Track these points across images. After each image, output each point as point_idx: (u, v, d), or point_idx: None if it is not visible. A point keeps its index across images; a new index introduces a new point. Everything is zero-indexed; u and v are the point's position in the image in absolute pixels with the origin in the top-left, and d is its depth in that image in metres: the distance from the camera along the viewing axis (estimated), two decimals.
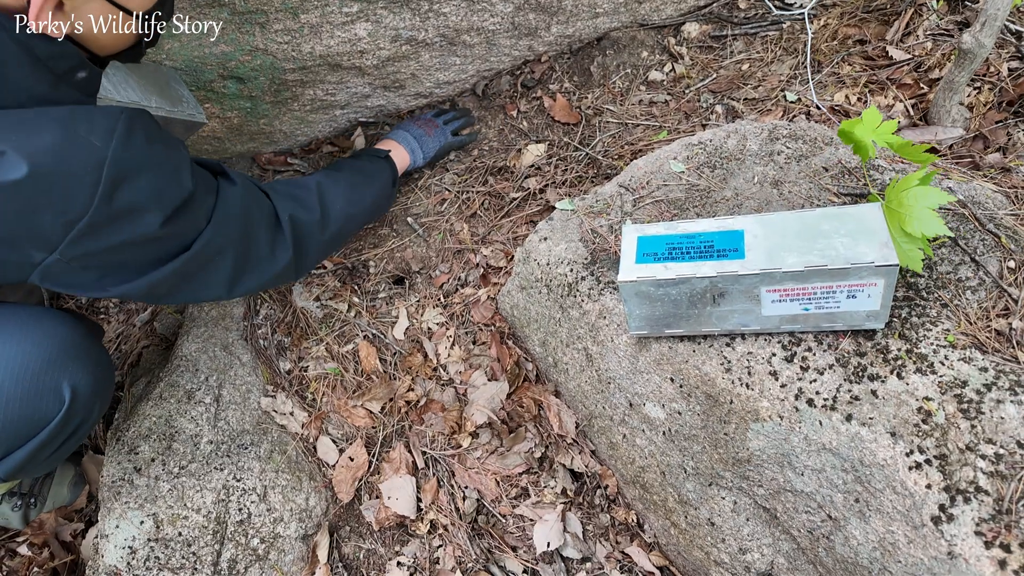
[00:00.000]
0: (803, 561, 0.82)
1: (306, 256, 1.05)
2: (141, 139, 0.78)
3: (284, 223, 1.00)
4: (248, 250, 0.94)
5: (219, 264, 0.91)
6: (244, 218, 0.92)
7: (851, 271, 0.69)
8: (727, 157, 1.05)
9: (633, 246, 0.80)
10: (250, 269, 0.96)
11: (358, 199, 1.17)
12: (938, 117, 1.10)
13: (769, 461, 0.78)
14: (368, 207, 1.21)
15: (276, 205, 1.00)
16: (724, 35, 1.46)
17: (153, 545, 0.98)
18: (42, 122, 0.71)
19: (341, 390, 1.24)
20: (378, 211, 1.30)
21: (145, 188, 0.77)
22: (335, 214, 1.09)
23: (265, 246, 0.97)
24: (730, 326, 0.78)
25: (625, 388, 0.95)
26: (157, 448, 1.06)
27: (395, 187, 1.32)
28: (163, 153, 0.81)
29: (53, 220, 0.72)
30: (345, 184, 1.16)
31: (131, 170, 0.76)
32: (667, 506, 0.98)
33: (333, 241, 1.11)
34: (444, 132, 1.43)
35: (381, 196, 1.26)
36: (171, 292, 0.90)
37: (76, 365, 0.85)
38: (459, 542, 1.10)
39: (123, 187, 0.75)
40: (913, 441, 0.67)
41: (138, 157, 0.77)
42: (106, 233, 0.76)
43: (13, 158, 0.68)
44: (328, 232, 1.08)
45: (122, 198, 0.75)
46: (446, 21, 1.27)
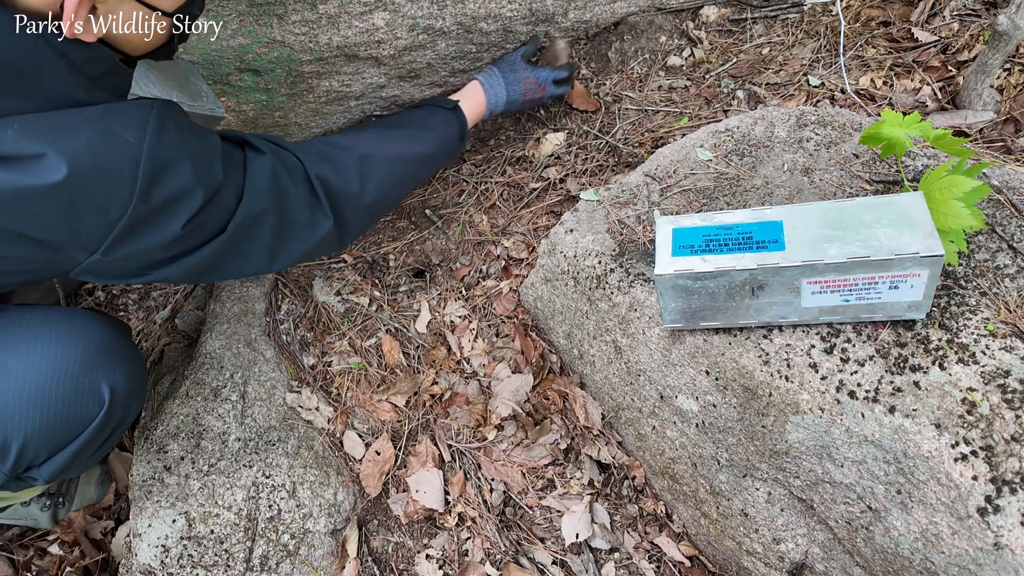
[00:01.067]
0: (839, 551, 0.82)
1: (347, 222, 1.01)
2: (173, 131, 0.78)
3: (319, 190, 0.96)
4: (285, 219, 0.92)
5: (257, 237, 0.90)
6: (275, 189, 0.91)
7: (895, 262, 0.68)
8: (755, 144, 1.04)
9: (668, 238, 0.79)
10: (291, 237, 0.94)
11: (408, 157, 1.11)
12: (968, 100, 1.08)
13: (808, 453, 0.78)
14: (422, 168, 1.15)
15: (309, 171, 0.97)
16: (743, 18, 1.43)
17: (186, 543, 0.99)
18: (77, 122, 0.71)
19: (365, 384, 1.23)
20: (436, 167, 1.23)
21: (182, 178, 0.77)
22: (377, 178, 1.04)
23: (304, 213, 0.95)
24: (768, 318, 0.78)
25: (656, 380, 0.94)
26: (186, 446, 1.06)
27: (463, 142, 1.23)
28: (196, 143, 0.81)
29: (94, 221, 0.72)
30: (396, 140, 1.10)
31: (167, 163, 0.76)
32: (698, 497, 0.98)
33: (375, 206, 1.06)
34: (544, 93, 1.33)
35: (440, 151, 1.18)
36: (211, 269, 0.89)
37: (113, 364, 0.86)
38: (487, 534, 1.11)
39: (160, 181, 0.75)
40: (959, 432, 0.67)
41: (173, 150, 0.77)
42: (146, 230, 0.76)
43: (53, 159, 0.68)
44: (368, 198, 1.03)
45: (159, 193, 0.75)
46: (464, 9, 1.24)
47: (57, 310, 0.88)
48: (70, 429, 0.83)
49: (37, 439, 0.81)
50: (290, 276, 1.37)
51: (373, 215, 1.08)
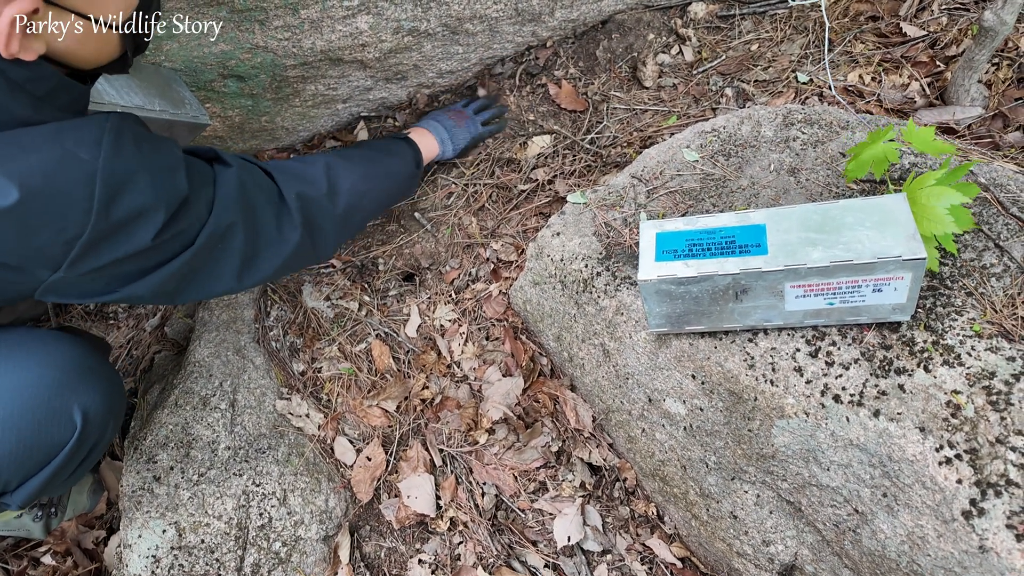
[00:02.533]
0: (828, 553, 0.82)
1: (320, 232, 1.01)
2: (130, 145, 0.75)
3: (289, 200, 0.95)
4: (254, 233, 0.91)
5: (226, 253, 0.88)
6: (243, 200, 0.89)
7: (878, 265, 0.67)
8: (741, 144, 1.03)
9: (652, 243, 0.78)
10: (259, 253, 0.92)
11: (372, 174, 1.13)
12: (956, 96, 1.07)
13: (794, 457, 0.78)
14: (385, 184, 1.17)
15: (279, 183, 0.96)
16: (732, 15, 1.42)
17: (177, 553, 0.99)
18: (27, 141, 0.69)
19: (356, 390, 1.23)
20: (399, 192, 1.25)
21: (142, 194, 0.75)
22: (346, 187, 1.05)
23: (271, 227, 0.93)
24: (752, 322, 0.77)
25: (644, 384, 0.94)
26: (175, 456, 1.06)
27: (419, 169, 1.27)
28: (155, 155, 0.78)
29: (53, 240, 0.71)
30: (358, 159, 1.12)
31: (125, 178, 0.74)
32: (688, 499, 0.97)
33: (348, 216, 1.06)
34: (475, 122, 1.39)
35: (401, 175, 1.21)
36: (179, 290, 0.87)
37: (85, 387, 0.85)
38: (479, 538, 1.11)
39: (119, 197, 0.73)
40: (943, 436, 0.67)
41: (130, 164, 0.74)
42: (108, 246, 0.74)
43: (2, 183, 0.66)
44: (340, 206, 1.03)
45: (120, 209, 0.73)
46: (448, 10, 1.24)
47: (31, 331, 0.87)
48: (43, 454, 0.82)
49: (9, 466, 0.80)
50: (279, 282, 1.36)
51: (346, 223, 1.08)
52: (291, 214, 0.95)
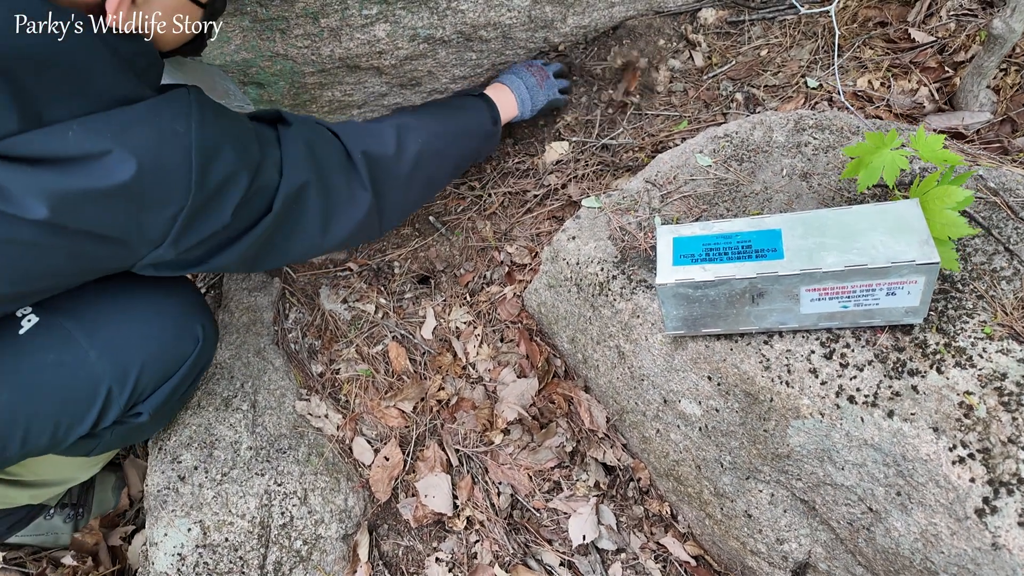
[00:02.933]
0: (842, 551, 0.84)
1: (386, 195, 0.99)
2: (212, 115, 0.78)
3: (357, 160, 0.95)
4: (327, 191, 0.91)
5: (304, 214, 0.89)
6: (312, 158, 0.89)
7: (892, 269, 0.69)
8: (754, 149, 1.05)
9: (669, 248, 0.80)
10: (335, 212, 0.93)
11: (445, 133, 1.09)
12: (965, 101, 1.09)
13: (809, 456, 0.79)
14: (459, 145, 1.13)
15: (345, 142, 0.96)
16: (741, 20, 1.44)
17: (201, 551, 1.01)
18: (133, 118, 0.71)
19: (373, 391, 1.25)
20: (475, 152, 1.21)
21: (229, 162, 0.78)
22: (415, 148, 1.03)
23: (343, 187, 0.93)
24: (768, 324, 0.79)
25: (660, 385, 0.96)
26: (199, 456, 1.08)
27: (497, 127, 1.22)
28: (232, 124, 0.81)
29: (159, 214, 0.74)
30: (430, 117, 1.09)
31: (214, 149, 0.76)
32: (702, 498, 0.99)
33: (414, 178, 1.04)
34: (553, 86, 1.35)
35: (476, 133, 1.17)
36: (265, 251, 0.90)
37: (202, 309, 0.98)
38: (496, 537, 1.13)
39: (211, 167, 0.76)
40: (956, 436, 0.68)
41: (216, 134, 0.77)
42: (204, 218, 0.78)
43: (120, 156, 0.68)
44: (406, 166, 1.01)
45: (213, 178, 0.76)
46: (464, 18, 1.26)
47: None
48: (173, 364, 0.94)
49: (149, 370, 0.90)
50: (297, 285, 1.39)
51: (412, 188, 1.05)
52: (359, 174, 0.95)
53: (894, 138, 0.82)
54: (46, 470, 1.01)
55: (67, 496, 1.13)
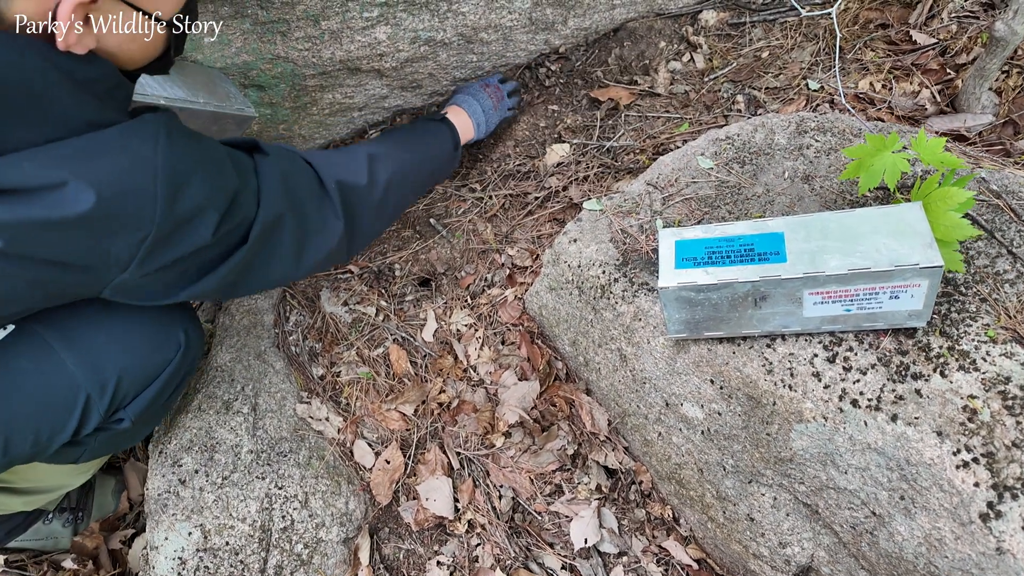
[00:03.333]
0: (844, 555, 0.83)
1: (357, 224, 1.00)
2: (183, 141, 0.76)
3: (331, 189, 0.95)
4: (302, 220, 0.91)
5: (280, 243, 0.89)
6: (287, 189, 0.89)
7: (895, 273, 0.69)
8: (755, 152, 1.05)
9: (671, 251, 0.80)
10: (308, 241, 0.93)
11: (412, 161, 1.12)
12: (967, 103, 1.09)
13: (812, 460, 0.79)
14: (424, 168, 1.16)
15: (320, 172, 0.96)
16: (742, 22, 1.44)
17: (202, 555, 1.01)
18: (95, 146, 0.70)
19: (374, 394, 1.25)
20: (437, 175, 1.24)
21: (201, 188, 0.76)
22: (385, 178, 1.04)
23: (315, 214, 0.93)
24: (771, 328, 0.79)
25: (661, 388, 0.96)
26: (199, 460, 1.08)
27: (457, 152, 1.26)
28: (205, 151, 0.80)
29: (123, 241, 0.72)
30: (398, 146, 1.11)
31: (184, 173, 0.75)
32: (704, 501, 0.99)
33: (384, 206, 1.06)
34: (506, 106, 1.39)
35: (439, 158, 1.21)
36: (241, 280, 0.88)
37: (185, 314, 0.97)
38: (497, 540, 1.12)
39: (181, 194, 0.74)
40: (960, 440, 0.68)
41: (186, 160, 0.76)
42: (173, 243, 0.76)
43: (77, 187, 0.67)
44: (377, 195, 1.03)
45: (182, 206, 0.74)
46: (464, 20, 1.26)
47: None
48: (153, 368, 0.92)
49: (129, 376, 0.89)
50: (297, 287, 1.38)
51: (382, 215, 1.07)
52: (333, 203, 0.95)
53: (895, 140, 0.82)
54: (37, 477, 1.00)
55: (65, 500, 1.12)
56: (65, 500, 1.13)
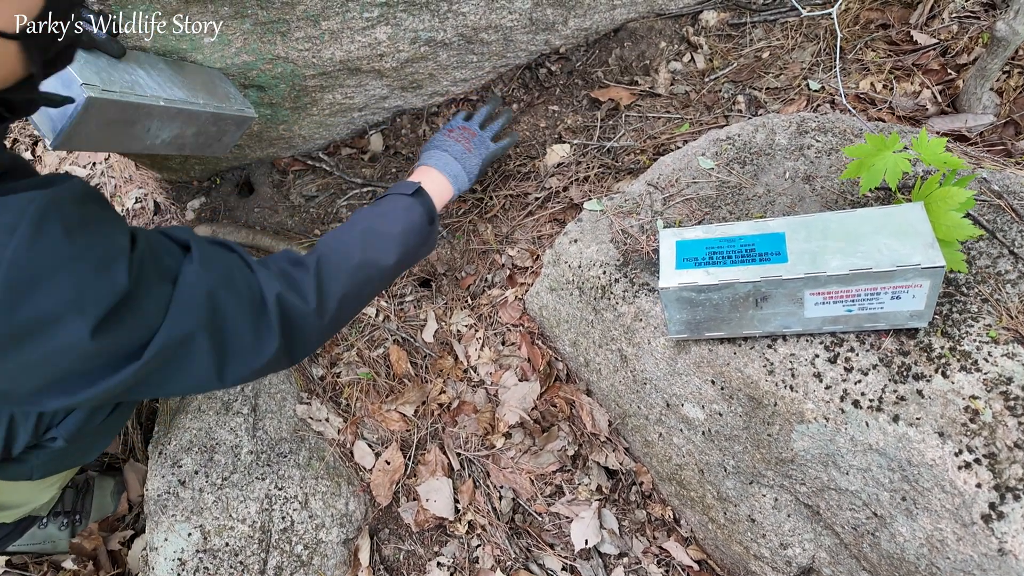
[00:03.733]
0: (846, 556, 0.83)
1: (298, 344, 0.85)
2: (56, 233, 0.62)
3: (270, 304, 0.81)
4: (221, 341, 0.77)
5: (187, 360, 0.75)
6: (210, 304, 0.75)
7: (896, 273, 0.69)
8: (756, 152, 1.05)
9: (672, 251, 0.80)
10: (233, 359, 0.78)
11: (373, 258, 0.96)
12: (968, 104, 1.09)
13: (813, 461, 0.79)
14: (391, 260, 0.98)
15: (263, 283, 0.82)
16: (743, 22, 1.44)
17: (202, 556, 1.01)
18: None
19: (374, 394, 1.25)
20: (409, 263, 1.06)
21: (60, 291, 0.62)
22: (338, 294, 0.89)
23: (246, 334, 0.79)
24: (772, 328, 0.79)
25: (662, 389, 0.95)
26: (199, 460, 1.07)
27: (434, 225, 1.08)
28: (88, 247, 0.65)
29: None
30: (357, 243, 0.95)
31: (40, 272, 0.61)
32: (705, 502, 0.99)
33: (336, 323, 0.91)
34: (484, 141, 1.24)
35: (410, 243, 1.02)
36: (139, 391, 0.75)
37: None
38: (497, 541, 1.12)
39: (29, 293, 0.61)
40: (962, 441, 0.68)
41: (50, 255, 0.62)
42: (13, 350, 0.63)
43: None
44: (327, 318, 0.88)
45: (28, 308, 0.61)
46: (465, 20, 1.25)
47: None
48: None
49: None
50: None
51: (332, 330, 0.92)
52: (269, 319, 0.81)
53: (896, 141, 0.81)
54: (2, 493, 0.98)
55: (59, 504, 1.12)
56: (59, 504, 1.12)
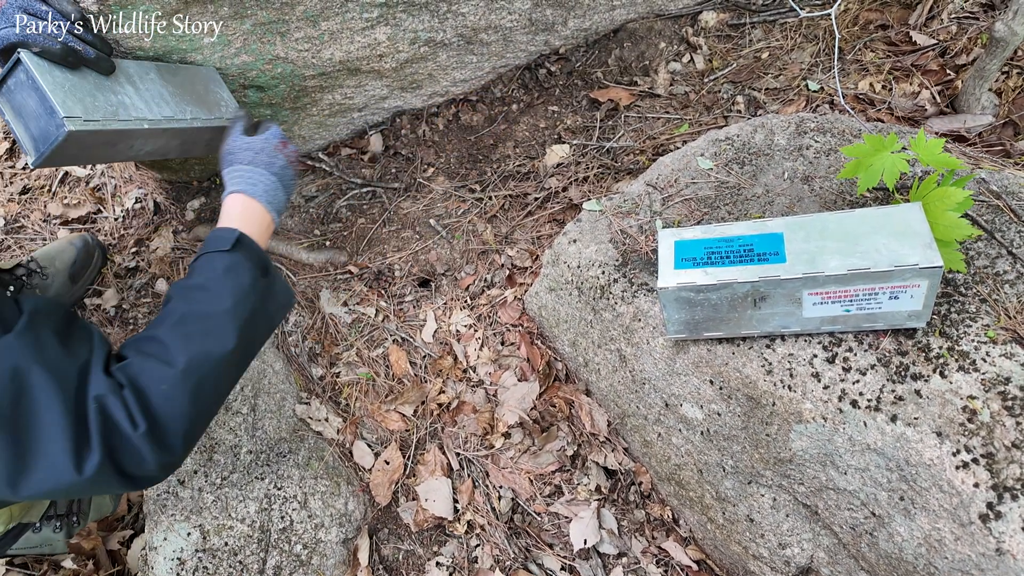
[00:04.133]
0: (844, 556, 0.83)
1: (126, 465, 0.70)
2: None
3: (90, 408, 0.68)
4: (18, 439, 0.65)
5: None
6: (12, 396, 0.65)
7: (894, 273, 0.69)
8: (755, 152, 1.05)
9: (671, 251, 0.80)
10: (32, 468, 0.66)
11: (205, 352, 0.76)
12: (967, 104, 1.09)
13: (812, 461, 0.79)
14: (229, 344, 0.77)
15: (90, 378, 0.69)
16: (742, 23, 1.44)
17: (201, 556, 1.01)
18: None
19: (374, 394, 1.25)
20: (258, 328, 0.84)
21: None
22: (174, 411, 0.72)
23: (54, 439, 0.66)
24: (770, 328, 0.79)
25: (661, 389, 0.96)
26: (199, 460, 1.08)
27: (270, 275, 0.87)
28: None
29: None
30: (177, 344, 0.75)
31: None
32: (704, 502, 0.99)
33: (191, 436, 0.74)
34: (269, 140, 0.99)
35: (247, 312, 0.80)
36: None
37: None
38: (496, 541, 1.12)
39: None
40: (959, 440, 0.68)
41: None
42: None
43: None
44: (172, 437, 0.72)
45: None
46: (464, 21, 1.26)
47: None
48: None
49: None
50: (297, 288, 1.38)
51: (189, 446, 0.76)
52: (88, 427, 0.68)
53: (894, 141, 0.82)
54: None
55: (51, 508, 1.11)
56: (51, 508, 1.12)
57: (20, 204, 1.62)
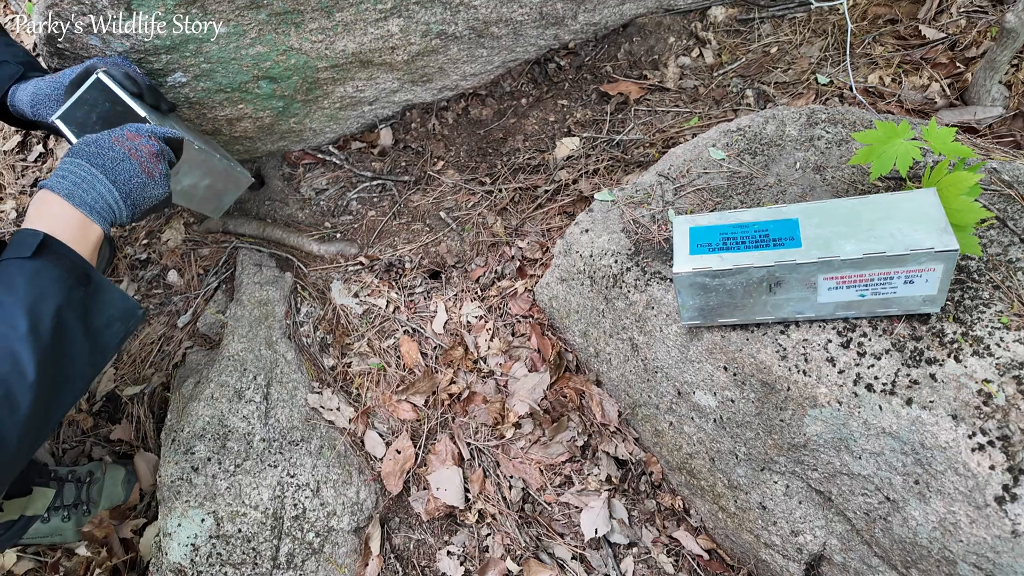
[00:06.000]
0: (857, 542, 0.83)
1: None
2: None
3: None
4: None
5: None
6: None
7: (910, 257, 0.69)
8: (767, 143, 1.05)
9: (686, 237, 0.80)
10: None
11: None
12: (977, 96, 1.09)
13: (826, 446, 0.79)
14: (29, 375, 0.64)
15: None
16: (751, 18, 1.45)
17: (215, 542, 1.01)
18: None
19: (385, 384, 1.25)
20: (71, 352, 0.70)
21: None
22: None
23: None
24: (785, 314, 0.79)
25: (673, 377, 0.96)
26: (212, 447, 1.08)
27: (91, 284, 0.73)
28: None
29: None
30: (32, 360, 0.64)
31: None
32: (715, 491, 0.99)
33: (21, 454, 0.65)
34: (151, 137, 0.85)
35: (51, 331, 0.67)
36: None
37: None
38: (507, 530, 1.12)
39: None
40: (975, 423, 0.68)
41: None
42: None
43: None
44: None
45: None
46: (476, 14, 1.26)
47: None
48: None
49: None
50: (308, 279, 1.39)
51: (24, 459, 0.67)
52: None
53: (906, 128, 0.82)
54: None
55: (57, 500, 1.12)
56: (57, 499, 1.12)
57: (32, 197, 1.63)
